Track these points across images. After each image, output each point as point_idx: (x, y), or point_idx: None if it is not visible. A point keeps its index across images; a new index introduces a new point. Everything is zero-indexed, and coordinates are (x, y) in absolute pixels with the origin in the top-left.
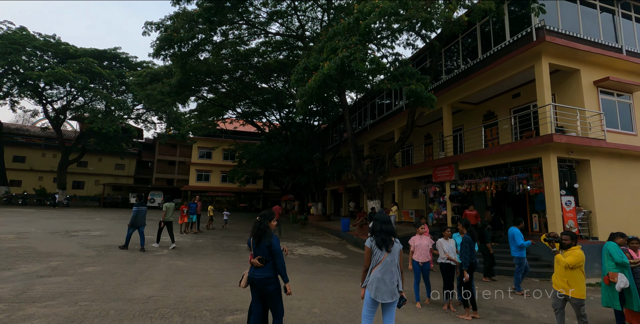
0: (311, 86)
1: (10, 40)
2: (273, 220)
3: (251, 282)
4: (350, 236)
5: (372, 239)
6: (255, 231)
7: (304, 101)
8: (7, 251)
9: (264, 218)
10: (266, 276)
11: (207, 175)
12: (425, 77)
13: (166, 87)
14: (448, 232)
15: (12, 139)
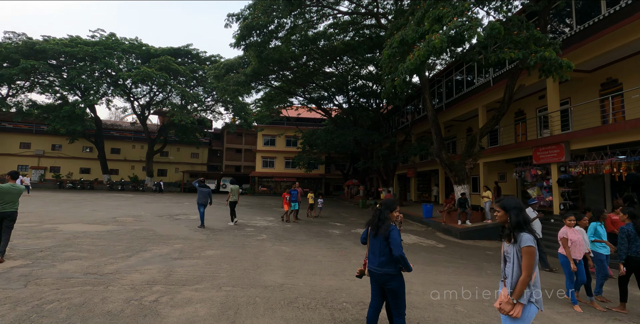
0: (414, 62)
1: (105, 45)
2: (395, 210)
3: (371, 275)
4: (435, 223)
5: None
6: (374, 220)
7: (403, 78)
8: (134, 233)
9: (384, 207)
10: (386, 272)
11: (272, 161)
12: (555, 41)
13: (241, 76)
14: (576, 221)
15: (109, 134)
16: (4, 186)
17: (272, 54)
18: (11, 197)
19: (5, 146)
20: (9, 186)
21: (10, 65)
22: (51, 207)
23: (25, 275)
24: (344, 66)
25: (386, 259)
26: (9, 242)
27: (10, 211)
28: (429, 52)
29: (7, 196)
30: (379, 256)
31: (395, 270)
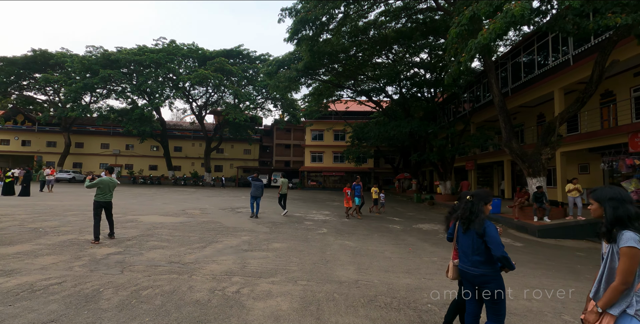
0: (488, 36)
1: (167, 52)
2: (489, 203)
3: (464, 276)
4: (506, 220)
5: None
6: (465, 213)
7: (472, 56)
8: (203, 225)
9: (478, 199)
10: (483, 272)
11: (320, 156)
12: None
13: (293, 72)
14: None
15: (172, 134)
16: (106, 178)
17: (324, 47)
18: (110, 189)
19: (89, 147)
20: (109, 179)
21: (92, 76)
22: (129, 200)
23: (120, 262)
24: (394, 55)
25: (482, 258)
26: (105, 229)
27: (110, 201)
28: (507, 23)
29: (109, 188)
30: (472, 255)
31: (493, 270)
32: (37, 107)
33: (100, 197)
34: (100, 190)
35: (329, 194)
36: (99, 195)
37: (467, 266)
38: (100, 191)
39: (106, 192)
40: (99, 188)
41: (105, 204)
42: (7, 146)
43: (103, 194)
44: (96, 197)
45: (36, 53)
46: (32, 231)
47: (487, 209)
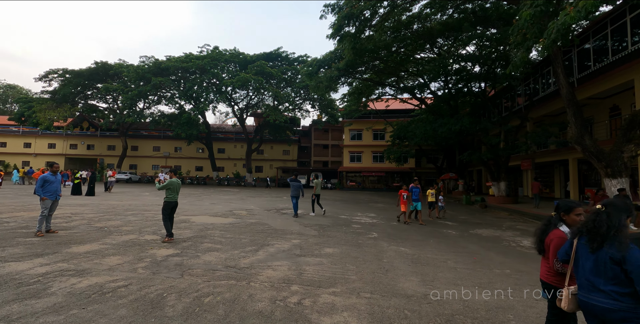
0: (576, 16)
1: (211, 58)
2: (630, 217)
3: (587, 309)
4: None
5: None
6: (600, 228)
7: (553, 40)
8: (252, 227)
9: (617, 210)
10: (622, 307)
11: (359, 156)
12: None
13: (334, 72)
14: None
15: (215, 136)
16: (175, 180)
17: (366, 44)
18: (178, 190)
19: (143, 150)
20: (177, 181)
21: (145, 84)
22: (180, 200)
23: (179, 264)
24: (439, 49)
25: (622, 288)
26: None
27: (177, 201)
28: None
29: (177, 189)
30: (605, 284)
31: (633, 306)
32: (99, 114)
33: (170, 198)
34: (170, 191)
35: (369, 195)
36: (169, 196)
37: (595, 297)
38: (170, 192)
39: (175, 193)
40: (169, 190)
41: (175, 204)
42: (75, 150)
43: (173, 195)
44: (167, 198)
45: (98, 65)
46: (98, 230)
47: (628, 224)
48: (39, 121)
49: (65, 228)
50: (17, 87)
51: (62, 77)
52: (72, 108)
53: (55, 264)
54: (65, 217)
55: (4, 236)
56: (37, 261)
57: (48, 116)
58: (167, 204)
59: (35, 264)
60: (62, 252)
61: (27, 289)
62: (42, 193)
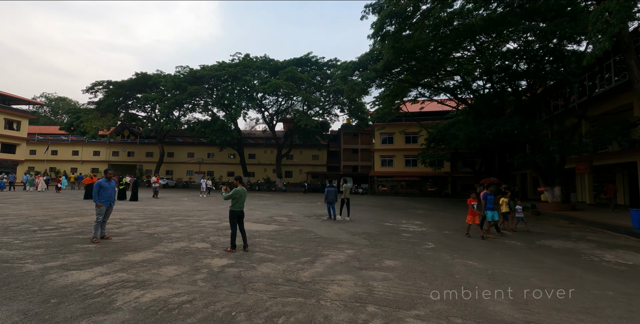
0: None
1: (243, 65)
2: None
3: None
4: None
5: None
6: None
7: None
8: (299, 234)
9: None
10: None
11: (391, 160)
12: None
13: (371, 73)
14: None
15: (246, 142)
16: (240, 189)
17: (406, 43)
18: (244, 198)
19: (179, 156)
20: (243, 189)
21: (181, 92)
22: (219, 206)
23: (237, 277)
24: (480, 46)
25: None
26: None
27: (243, 210)
28: None
29: (242, 198)
30: None
31: None
32: (138, 123)
33: (236, 207)
34: (235, 200)
35: (404, 200)
36: (235, 205)
37: None
38: (235, 201)
39: (241, 202)
40: (235, 199)
41: (241, 213)
42: (117, 156)
43: (239, 204)
44: (232, 207)
45: (138, 76)
46: (149, 237)
47: None
48: (86, 130)
49: (118, 234)
50: (66, 100)
51: (106, 89)
52: (115, 117)
53: (115, 274)
54: (116, 222)
55: (63, 242)
56: (97, 270)
57: (94, 125)
58: (232, 214)
59: (96, 273)
60: (119, 260)
61: (93, 302)
62: (97, 199)
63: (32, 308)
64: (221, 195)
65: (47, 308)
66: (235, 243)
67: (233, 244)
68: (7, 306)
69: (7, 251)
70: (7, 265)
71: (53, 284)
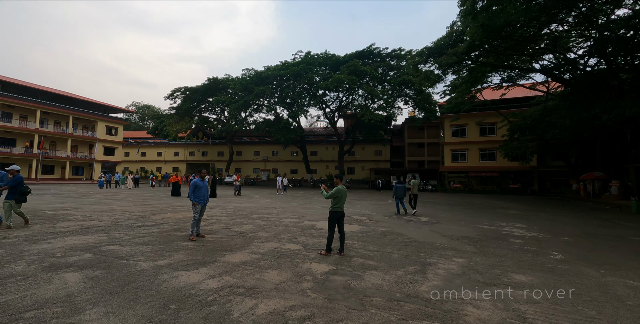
0: None
1: (306, 62)
2: None
3: None
4: None
5: None
6: None
7: None
8: (389, 237)
9: None
10: None
11: (463, 154)
12: None
13: (452, 57)
14: None
15: (308, 139)
16: (342, 187)
17: (496, 19)
18: (345, 198)
19: (246, 155)
20: (344, 188)
21: (248, 94)
22: (292, 204)
23: (347, 288)
24: (581, 15)
25: None
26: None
27: (343, 210)
28: None
29: (343, 197)
30: None
31: None
32: (210, 125)
33: (337, 208)
34: (337, 200)
35: (482, 198)
36: (335, 205)
37: None
38: (336, 201)
39: (341, 203)
40: (336, 198)
41: (342, 214)
42: (193, 157)
43: (340, 204)
44: (332, 207)
45: (210, 81)
46: (239, 236)
47: None
48: (168, 133)
49: (210, 232)
50: (151, 107)
51: (184, 94)
52: (191, 121)
53: (221, 278)
54: (205, 220)
55: (165, 239)
56: (203, 271)
57: (174, 129)
58: (332, 215)
59: (203, 275)
60: (220, 261)
61: (210, 311)
62: (193, 198)
63: (155, 315)
64: (321, 194)
65: (169, 314)
66: (331, 246)
67: (329, 247)
68: (133, 310)
69: (121, 247)
70: (124, 262)
71: (167, 286)
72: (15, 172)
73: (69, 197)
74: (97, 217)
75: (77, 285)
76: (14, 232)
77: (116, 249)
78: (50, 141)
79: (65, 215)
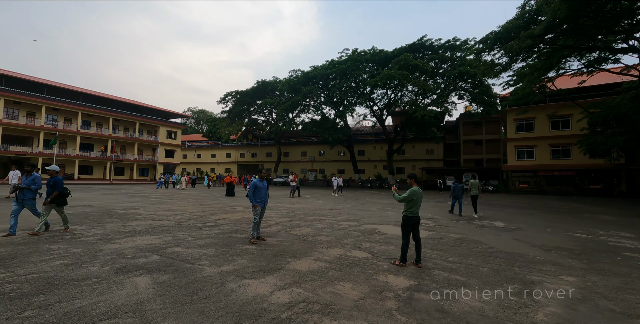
0: None
1: (353, 60)
2: None
3: None
4: None
5: None
6: None
7: None
8: (467, 245)
9: None
10: None
11: (530, 151)
12: None
13: (526, 40)
14: None
15: (355, 138)
16: (417, 189)
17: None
18: (420, 202)
19: (293, 155)
20: (419, 190)
21: (295, 94)
22: (345, 205)
23: (442, 311)
24: None
25: None
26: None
27: (419, 215)
28: None
29: (419, 200)
30: None
31: None
32: (259, 127)
33: (412, 212)
34: (410, 203)
35: (559, 200)
36: (410, 209)
37: None
38: (411, 204)
39: (417, 206)
40: (410, 201)
41: (417, 219)
42: (244, 158)
43: (415, 208)
44: (406, 211)
45: (259, 84)
46: (299, 240)
47: None
48: (220, 136)
49: (269, 234)
50: (205, 111)
51: (235, 98)
52: (241, 123)
53: (291, 289)
54: (262, 221)
55: (226, 241)
56: (271, 281)
57: (226, 131)
58: (407, 220)
59: (271, 286)
60: (286, 269)
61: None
62: (253, 200)
63: None
64: (392, 196)
65: None
66: (406, 256)
67: (404, 257)
68: None
69: (186, 249)
70: (190, 266)
71: (236, 298)
72: (54, 173)
73: (137, 196)
74: (162, 216)
75: (147, 291)
76: (90, 230)
77: (181, 251)
78: (120, 145)
79: (134, 214)
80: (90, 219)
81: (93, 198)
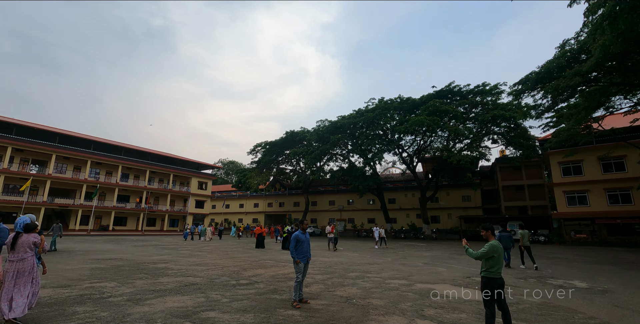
0: None
1: (381, 108)
2: None
3: None
4: None
5: None
6: None
7: None
8: (558, 314)
9: None
10: None
11: (582, 196)
12: None
13: (575, 78)
14: None
15: (384, 186)
16: (497, 244)
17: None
18: (502, 259)
19: (321, 204)
20: (499, 245)
21: (324, 143)
22: (385, 258)
23: None
24: None
25: None
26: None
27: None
28: None
29: (500, 257)
30: None
31: None
32: (286, 176)
33: (493, 273)
34: (491, 261)
35: (633, 253)
36: (491, 269)
37: None
38: (490, 262)
39: (500, 264)
40: (491, 259)
41: (501, 281)
42: (271, 207)
43: (497, 268)
44: (486, 272)
45: (287, 134)
46: (347, 303)
47: None
48: (249, 186)
49: (311, 296)
50: (235, 162)
51: (264, 149)
52: (269, 173)
53: None
54: None
55: (265, 304)
56: None
57: (255, 181)
58: (488, 283)
59: None
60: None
61: None
62: (296, 256)
63: None
64: (465, 252)
65: None
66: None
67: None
68: None
69: (221, 314)
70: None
71: None
72: None
73: (167, 248)
74: (193, 272)
75: None
76: (119, 288)
77: (216, 317)
78: (154, 196)
79: (164, 269)
80: (120, 274)
81: (125, 251)
